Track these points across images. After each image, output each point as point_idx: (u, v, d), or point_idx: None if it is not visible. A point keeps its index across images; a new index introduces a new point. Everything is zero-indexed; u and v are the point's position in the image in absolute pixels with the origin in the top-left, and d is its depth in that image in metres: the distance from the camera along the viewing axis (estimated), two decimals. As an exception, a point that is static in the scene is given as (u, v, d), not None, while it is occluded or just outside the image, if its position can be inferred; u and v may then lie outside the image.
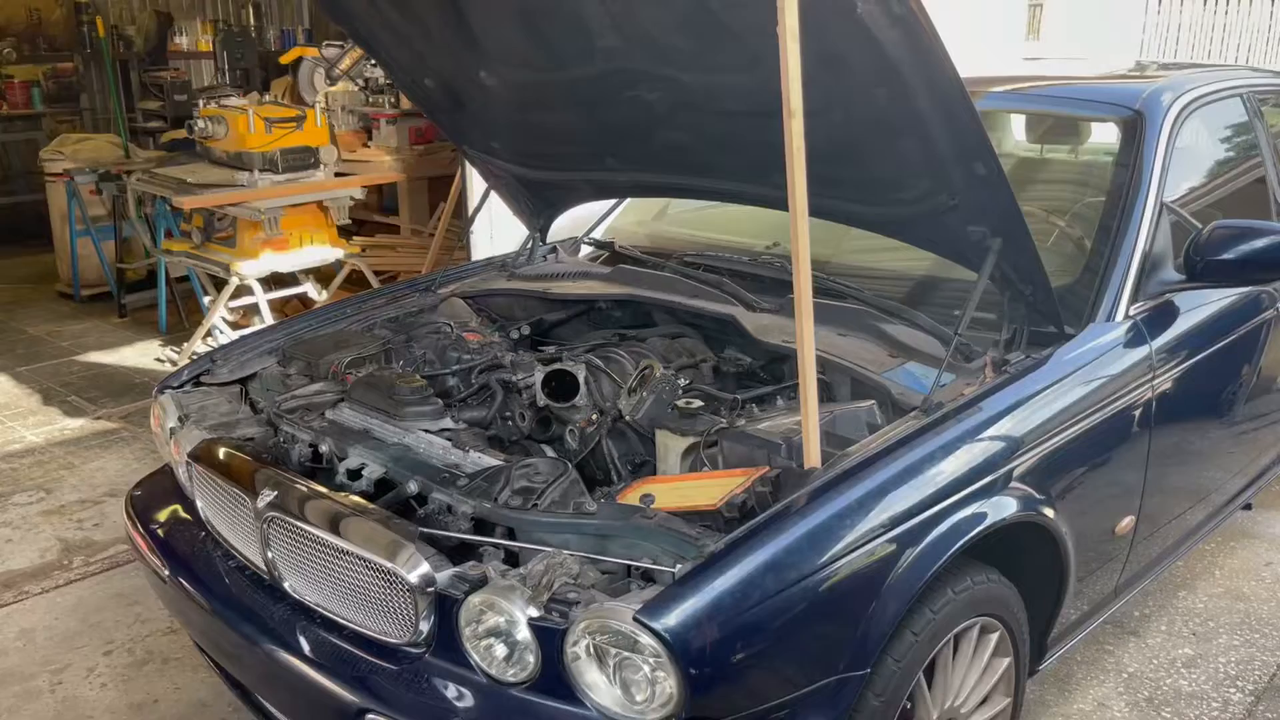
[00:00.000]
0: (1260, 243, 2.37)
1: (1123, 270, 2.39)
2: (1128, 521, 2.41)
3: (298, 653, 1.92)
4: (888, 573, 1.76)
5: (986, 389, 2.07)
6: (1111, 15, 8.38)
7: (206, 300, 5.63)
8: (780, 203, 1.76)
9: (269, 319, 5.31)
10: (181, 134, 6.17)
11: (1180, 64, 4.10)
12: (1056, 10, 7.80)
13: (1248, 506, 3.30)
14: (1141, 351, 2.35)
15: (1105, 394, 2.23)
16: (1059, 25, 7.74)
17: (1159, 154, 2.57)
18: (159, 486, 2.49)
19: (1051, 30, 7.78)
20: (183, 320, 5.88)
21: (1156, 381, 2.37)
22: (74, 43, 9.55)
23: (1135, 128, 2.63)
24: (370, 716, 1.76)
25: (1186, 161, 2.75)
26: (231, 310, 5.54)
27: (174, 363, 5.31)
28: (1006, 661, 2.16)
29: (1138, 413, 2.33)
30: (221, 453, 2.20)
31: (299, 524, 1.94)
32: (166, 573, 2.23)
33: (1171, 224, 2.55)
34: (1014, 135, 3.39)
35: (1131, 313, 2.38)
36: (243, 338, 2.81)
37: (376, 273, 5.74)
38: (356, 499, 1.95)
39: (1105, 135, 2.87)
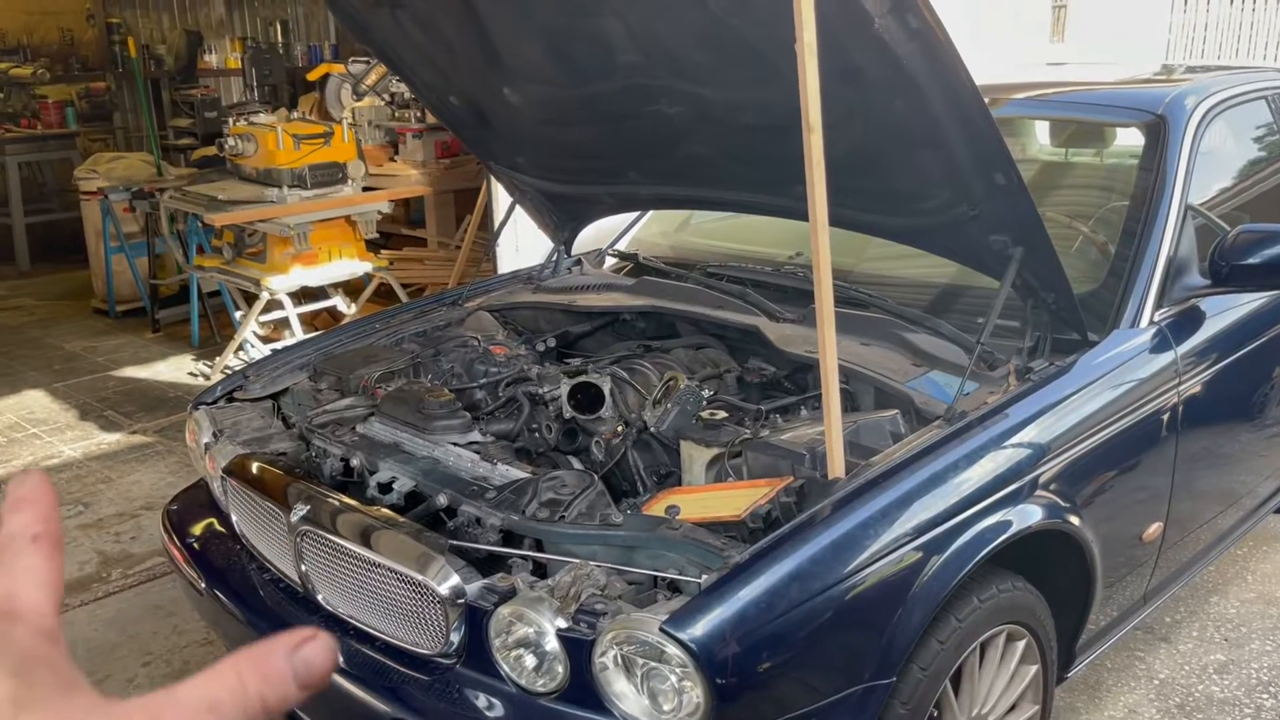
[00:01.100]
0: (1286, 247, 2.36)
1: (1147, 276, 2.39)
2: (1155, 527, 2.40)
3: (331, 664, 1.95)
4: (913, 581, 1.78)
5: (1010, 397, 2.07)
6: (1136, 15, 8.32)
7: (238, 315, 5.71)
8: (802, 213, 1.78)
9: (299, 332, 5.38)
10: (212, 151, 6.27)
11: (1207, 67, 4.08)
12: (1081, 11, 7.76)
13: (1279, 510, 3.27)
14: (1167, 357, 2.34)
15: (1130, 400, 2.23)
16: (1083, 26, 7.70)
17: (1183, 159, 2.56)
18: (194, 500, 2.54)
19: (1076, 31, 7.74)
20: (215, 334, 5.96)
21: (1182, 387, 2.36)
22: (106, 62, 9.73)
23: (1159, 132, 2.63)
24: (403, 726, 1.80)
25: (1211, 166, 2.74)
26: (262, 324, 5.62)
27: (206, 376, 5.39)
28: (1034, 669, 2.16)
29: (1164, 418, 2.33)
30: (255, 467, 2.25)
31: (331, 537, 1.97)
32: (203, 585, 2.27)
33: (1196, 229, 2.54)
34: (1038, 141, 3.39)
35: (1156, 318, 2.37)
36: (274, 353, 2.86)
37: (404, 285, 5.81)
38: (387, 512, 1.99)
39: (1130, 140, 2.87)
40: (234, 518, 2.31)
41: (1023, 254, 2.09)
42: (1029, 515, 1.98)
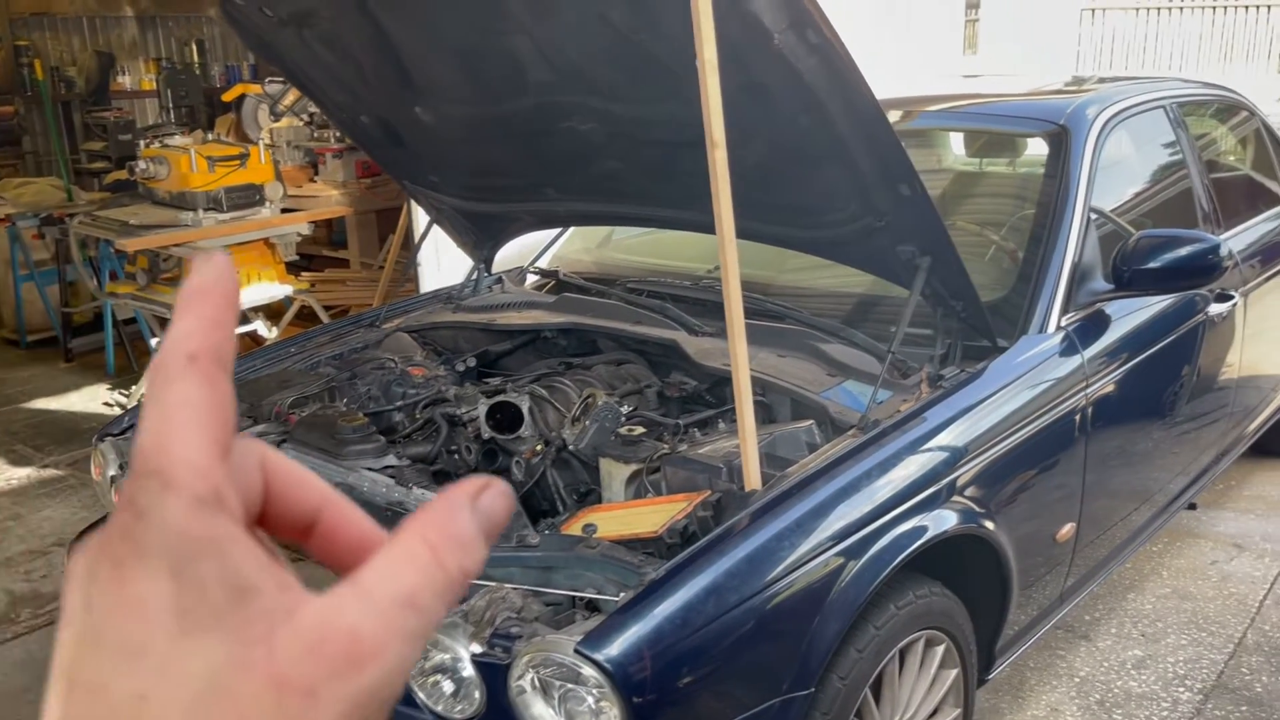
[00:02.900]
0: (1183, 251, 2.43)
1: (1053, 282, 2.44)
2: (1069, 528, 2.45)
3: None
4: (829, 590, 1.78)
5: (922, 404, 2.10)
6: (1046, 27, 8.56)
7: (154, 342, 5.56)
8: (714, 227, 1.79)
9: (219, 358, 5.25)
10: (125, 175, 6.11)
11: (1116, 78, 4.19)
12: (992, 24, 7.97)
13: (1192, 506, 3.37)
14: (1074, 361, 2.40)
15: (1039, 404, 2.28)
16: (995, 38, 7.90)
17: (1085, 167, 2.63)
18: (102, 535, 2.46)
19: (987, 43, 7.94)
20: (131, 363, 5.80)
21: (1090, 389, 2.42)
22: (14, 86, 9.43)
23: (1061, 142, 2.70)
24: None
25: (1113, 174, 2.82)
26: (181, 351, 5.47)
27: (123, 406, 5.24)
28: (954, 673, 2.18)
29: (1074, 420, 2.38)
30: (163, 499, 2.18)
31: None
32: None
33: (1101, 235, 2.61)
34: (954, 152, 3.46)
35: (1063, 323, 2.43)
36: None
37: (327, 307, 5.71)
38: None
39: (1038, 150, 2.94)
40: (143, 552, 2.24)
41: (930, 263, 2.13)
42: (944, 521, 2.00)
